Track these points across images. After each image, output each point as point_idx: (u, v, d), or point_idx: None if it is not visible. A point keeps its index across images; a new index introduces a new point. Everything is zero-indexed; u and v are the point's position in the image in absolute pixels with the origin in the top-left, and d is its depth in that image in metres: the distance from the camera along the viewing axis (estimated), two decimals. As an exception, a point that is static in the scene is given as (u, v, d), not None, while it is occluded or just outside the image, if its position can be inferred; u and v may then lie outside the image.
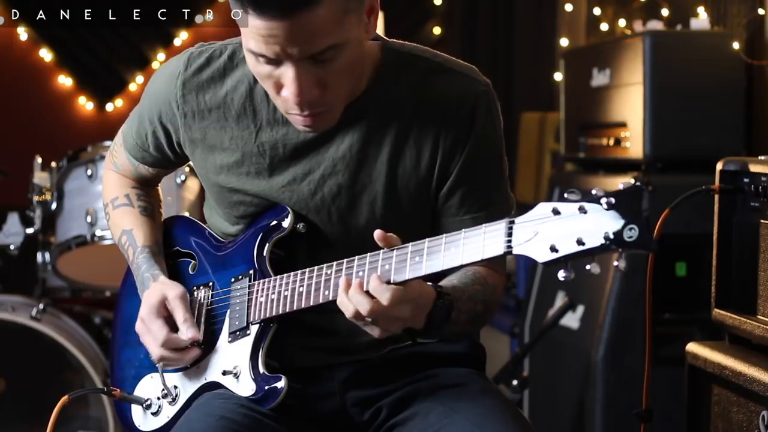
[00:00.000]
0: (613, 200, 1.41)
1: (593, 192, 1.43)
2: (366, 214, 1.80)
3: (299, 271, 1.75)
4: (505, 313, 4.19)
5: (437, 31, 5.47)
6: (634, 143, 3.28)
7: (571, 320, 3.32)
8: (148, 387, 1.93)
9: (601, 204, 1.41)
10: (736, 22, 3.44)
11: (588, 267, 1.44)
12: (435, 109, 1.77)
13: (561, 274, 1.46)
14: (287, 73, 1.63)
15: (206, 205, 1.99)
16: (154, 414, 1.90)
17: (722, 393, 2.21)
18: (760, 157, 2.22)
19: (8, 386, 3.50)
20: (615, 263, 1.43)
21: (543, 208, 1.46)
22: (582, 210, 1.42)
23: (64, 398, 1.87)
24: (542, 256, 1.45)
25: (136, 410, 1.94)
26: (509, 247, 1.48)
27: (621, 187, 1.42)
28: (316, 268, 1.72)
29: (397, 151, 1.78)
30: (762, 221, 2.15)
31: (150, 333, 1.82)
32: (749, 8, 3.38)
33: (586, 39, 4.65)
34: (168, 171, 2.05)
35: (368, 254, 1.64)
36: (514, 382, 3.17)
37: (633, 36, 3.36)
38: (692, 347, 2.32)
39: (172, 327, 1.82)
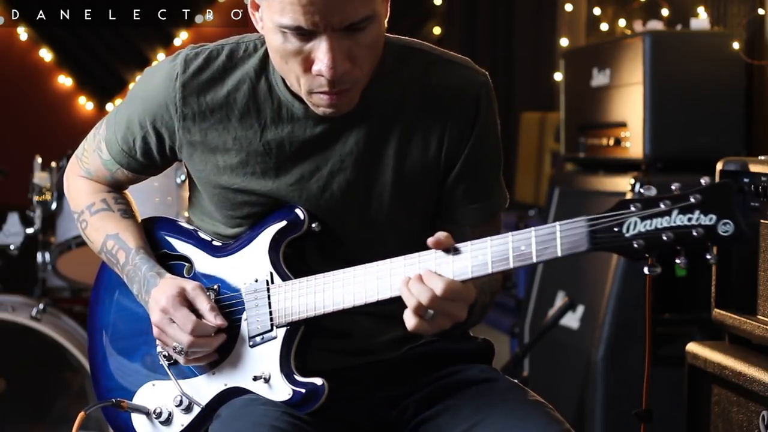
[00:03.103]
0: (702, 196, 1.44)
1: (673, 187, 1.47)
2: (375, 208, 1.80)
3: (333, 272, 1.72)
4: (505, 313, 4.19)
5: (437, 31, 5.47)
6: (634, 143, 3.28)
7: (571, 320, 3.32)
8: (151, 395, 1.87)
9: (690, 200, 1.45)
10: (736, 22, 3.44)
11: (678, 261, 1.47)
12: (439, 101, 1.78)
13: (646, 270, 1.49)
14: (320, 45, 1.63)
15: (195, 210, 1.95)
16: (164, 423, 1.84)
17: (722, 393, 2.21)
18: (760, 157, 2.22)
19: (8, 386, 3.50)
20: (677, 261, 1.47)
21: (625, 204, 1.49)
22: (668, 205, 1.46)
23: (82, 414, 1.87)
24: (629, 252, 1.48)
25: (138, 420, 1.88)
26: (595, 243, 1.50)
27: (707, 182, 1.46)
28: (354, 268, 1.70)
29: (404, 144, 1.78)
30: (762, 221, 2.15)
31: (174, 323, 1.77)
32: (749, 8, 3.38)
33: (586, 39, 4.65)
34: (144, 178, 1.98)
35: (418, 254, 1.64)
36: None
37: (633, 36, 3.36)
38: (692, 347, 2.33)
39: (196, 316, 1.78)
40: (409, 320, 1.61)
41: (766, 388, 2.04)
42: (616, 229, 1.48)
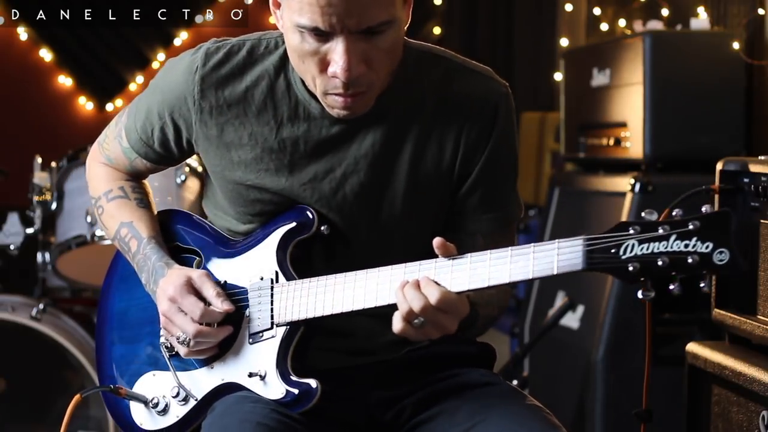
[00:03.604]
0: (701, 223, 1.44)
1: (674, 213, 1.46)
2: (386, 212, 1.80)
3: (335, 275, 1.73)
4: (505, 313, 4.17)
5: (437, 31, 5.47)
6: (634, 143, 3.28)
7: (571, 320, 3.32)
8: (151, 385, 1.89)
9: (689, 226, 1.44)
10: (736, 22, 3.44)
11: (672, 287, 1.48)
12: (457, 108, 1.78)
13: (640, 293, 1.50)
14: (337, 47, 1.63)
15: (209, 202, 1.96)
16: (161, 413, 1.86)
17: (722, 393, 2.21)
18: (760, 157, 2.22)
19: (8, 386, 3.50)
20: (671, 287, 1.48)
21: (624, 227, 1.49)
22: (666, 230, 1.45)
23: (77, 397, 1.85)
24: (624, 274, 1.48)
25: (136, 408, 1.90)
26: (590, 263, 1.50)
27: (707, 210, 1.45)
28: (355, 273, 1.70)
29: (419, 149, 1.78)
30: (762, 221, 2.15)
31: (182, 311, 1.78)
32: (749, 8, 3.38)
33: (586, 39, 4.65)
34: (163, 168, 2.00)
35: (419, 262, 1.64)
36: (514, 382, 3.17)
37: (633, 36, 3.36)
38: (692, 347, 2.32)
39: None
40: (397, 324, 1.62)
41: (766, 388, 2.04)
42: (612, 251, 1.49)
